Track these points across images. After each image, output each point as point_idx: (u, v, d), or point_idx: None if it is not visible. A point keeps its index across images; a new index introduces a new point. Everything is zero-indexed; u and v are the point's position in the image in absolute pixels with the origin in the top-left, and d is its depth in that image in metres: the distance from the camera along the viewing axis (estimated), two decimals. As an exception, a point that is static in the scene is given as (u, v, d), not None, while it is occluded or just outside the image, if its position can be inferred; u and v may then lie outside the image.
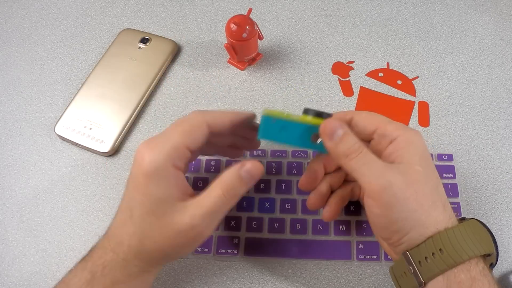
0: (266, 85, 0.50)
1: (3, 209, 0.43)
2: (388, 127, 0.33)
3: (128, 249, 0.31)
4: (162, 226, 0.30)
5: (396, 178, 0.30)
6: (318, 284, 0.39)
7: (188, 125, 0.32)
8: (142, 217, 0.30)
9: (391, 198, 0.29)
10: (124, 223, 0.31)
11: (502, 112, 0.47)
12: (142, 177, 0.30)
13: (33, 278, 0.40)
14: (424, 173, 0.31)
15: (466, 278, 0.28)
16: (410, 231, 0.30)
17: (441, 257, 0.29)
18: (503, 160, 0.44)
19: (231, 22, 0.46)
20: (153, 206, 0.30)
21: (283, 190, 0.42)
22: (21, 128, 0.48)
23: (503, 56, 0.51)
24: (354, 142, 0.31)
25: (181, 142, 0.31)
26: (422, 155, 0.32)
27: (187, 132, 0.32)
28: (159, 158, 0.30)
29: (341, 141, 0.31)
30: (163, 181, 0.30)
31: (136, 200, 0.31)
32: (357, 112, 0.36)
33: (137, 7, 0.57)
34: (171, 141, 0.31)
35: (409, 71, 0.51)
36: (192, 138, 0.32)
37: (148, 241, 0.31)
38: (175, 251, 0.32)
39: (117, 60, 0.51)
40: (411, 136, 0.32)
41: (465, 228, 0.30)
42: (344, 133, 0.31)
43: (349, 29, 0.54)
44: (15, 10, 0.58)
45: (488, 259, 0.31)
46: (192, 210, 0.30)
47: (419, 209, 0.30)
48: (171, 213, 0.30)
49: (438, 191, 0.31)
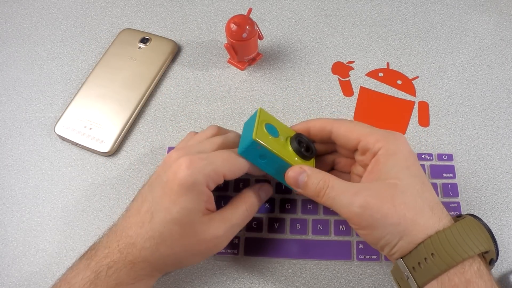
0: (266, 85, 0.50)
1: (3, 209, 0.43)
2: (370, 139, 0.33)
3: (139, 252, 0.31)
4: (184, 234, 0.31)
5: (369, 200, 0.30)
6: (318, 284, 0.39)
7: (234, 158, 0.33)
8: (164, 223, 0.31)
9: (369, 220, 0.30)
10: (141, 226, 0.31)
11: (502, 112, 0.47)
12: (176, 186, 0.31)
13: (33, 278, 0.40)
14: (401, 184, 0.31)
15: (460, 281, 0.28)
16: (398, 242, 0.30)
17: (433, 261, 0.29)
18: (503, 160, 0.44)
19: (231, 22, 0.46)
20: (181, 215, 0.31)
21: (283, 190, 0.42)
22: (21, 128, 0.48)
23: (503, 56, 0.51)
24: (317, 181, 0.32)
25: (221, 170, 0.32)
26: (402, 165, 0.32)
27: (230, 164, 0.33)
28: (199, 176, 0.31)
29: (306, 185, 0.33)
30: (195, 196, 0.31)
31: (161, 206, 0.31)
32: (337, 123, 0.35)
33: (137, 7, 0.57)
34: (214, 164, 0.32)
35: (409, 71, 0.51)
36: (231, 170, 0.33)
37: (164, 246, 0.31)
38: (189, 258, 0.33)
39: (117, 60, 0.51)
40: (392, 146, 0.32)
41: (457, 229, 0.30)
42: (307, 177, 0.33)
43: (349, 29, 0.54)
44: (15, 10, 0.58)
45: (487, 256, 0.30)
46: (217, 223, 0.33)
47: (401, 221, 0.30)
48: (197, 224, 0.32)
49: (424, 197, 0.31)
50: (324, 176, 0.32)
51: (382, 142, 0.32)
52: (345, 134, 0.35)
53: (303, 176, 0.33)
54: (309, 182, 0.33)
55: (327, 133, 0.35)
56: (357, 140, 0.34)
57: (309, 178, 0.33)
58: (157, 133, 0.47)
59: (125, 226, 0.32)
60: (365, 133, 0.33)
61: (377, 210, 0.30)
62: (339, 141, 0.35)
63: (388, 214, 0.30)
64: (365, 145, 0.33)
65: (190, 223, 0.31)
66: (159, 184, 0.32)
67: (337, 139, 0.35)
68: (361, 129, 0.34)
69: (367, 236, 0.32)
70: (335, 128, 0.35)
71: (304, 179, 0.33)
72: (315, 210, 0.41)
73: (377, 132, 0.33)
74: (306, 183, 0.33)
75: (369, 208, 0.30)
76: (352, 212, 0.31)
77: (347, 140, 0.34)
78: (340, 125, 0.35)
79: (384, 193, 0.31)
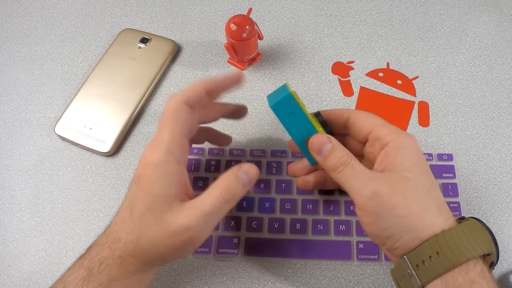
0: (266, 85, 0.50)
1: (3, 209, 0.43)
2: (382, 131, 0.33)
3: (124, 246, 0.31)
4: (158, 225, 0.30)
5: (382, 187, 0.30)
6: (318, 284, 0.39)
7: (170, 113, 0.32)
8: (142, 214, 0.31)
9: (378, 208, 0.30)
10: (124, 220, 0.31)
11: (502, 112, 0.47)
12: (145, 175, 0.31)
13: (33, 278, 0.40)
14: (414, 179, 0.31)
15: (464, 281, 0.28)
16: (403, 236, 0.30)
17: (438, 260, 0.29)
18: (503, 160, 0.44)
19: (231, 22, 0.46)
20: (153, 203, 0.30)
21: (283, 190, 0.42)
22: (21, 128, 0.48)
23: (503, 56, 0.51)
24: (341, 156, 0.32)
25: (173, 133, 0.31)
26: (413, 161, 0.32)
27: (173, 120, 0.32)
28: (160, 154, 0.31)
29: (328, 156, 0.33)
30: (166, 178, 0.31)
31: (137, 198, 0.31)
32: (355, 111, 0.36)
33: (137, 7, 0.57)
34: (164, 135, 0.31)
35: (409, 71, 0.51)
36: (179, 123, 0.32)
37: (144, 239, 0.30)
38: (169, 253, 0.31)
39: (117, 60, 0.51)
40: (403, 141, 0.33)
41: (462, 229, 0.30)
42: (332, 147, 0.33)
43: (349, 29, 0.54)
44: (15, 10, 0.58)
45: (488, 259, 0.30)
46: (188, 211, 0.30)
47: (409, 215, 0.30)
48: (168, 212, 0.30)
49: (432, 195, 0.31)
50: (348, 153, 0.33)
51: (393, 135, 0.33)
52: (360, 121, 0.35)
53: (328, 146, 0.33)
54: (332, 153, 0.32)
55: (344, 119, 0.36)
56: (370, 129, 0.34)
57: (333, 149, 0.33)
58: (157, 133, 0.47)
59: (113, 223, 0.33)
60: (378, 124, 0.34)
61: (387, 199, 0.30)
62: (354, 127, 0.36)
63: (397, 206, 0.30)
64: (376, 135, 0.34)
65: (163, 211, 0.30)
66: (134, 180, 0.32)
67: (352, 125, 0.36)
68: (376, 120, 0.35)
69: (371, 226, 0.31)
70: (353, 115, 0.36)
71: (328, 148, 0.33)
72: (315, 210, 0.41)
73: (390, 126, 0.34)
74: (329, 154, 0.33)
75: (380, 195, 0.30)
76: (363, 195, 0.31)
77: (361, 127, 0.35)
78: (357, 112, 0.36)
79: (397, 184, 0.31)
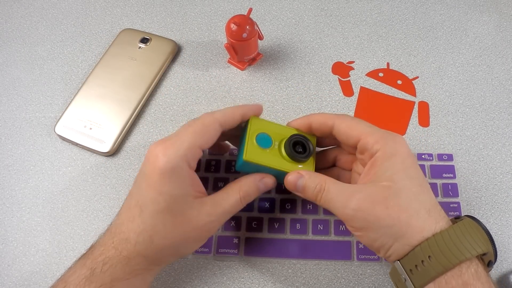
0: (266, 85, 0.50)
1: (3, 209, 0.43)
2: (370, 140, 0.33)
3: (134, 246, 0.31)
4: (177, 223, 0.31)
5: (362, 202, 0.31)
6: (318, 284, 0.39)
7: (200, 126, 0.33)
8: (154, 214, 0.31)
9: (363, 222, 0.31)
10: (132, 220, 0.31)
11: (502, 112, 0.47)
12: (157, 176, 0.31)
13: (33, 278, 0.40)
14: (395, 187, 0.31)
15: (458, 283, 0.28)
16: (393, 244, 0.30)
17: (430, 264, 0.29)
18: (503, 160, 0.44)
19: (231, 22, 0.46)
20: (168, 203, 0.31)
21: (283, 190, 0.42)
22: (21, 128, 0.48)
23: (503, 56, 0.51)
24: (314, 185, 0.33)
25: (194, 143, 0.32)
26: (398, 167, 0.32)
27: (199, 133, 0.32)
28: (175, 158, 0.31)
29: (304, 189, 0.33)
30: (179, 180, 0.31)
31: (148, 198, 0.31)
32: (339, 118, 0.35)
33: (137, 7, 0.57)
34: (185, 142, 0.32)
35: (409, 71, 0.51)
36: (204, 138, 0.33)
37: (158, 237, 0.31)
38: (185, 245, 0.33)
39: (117, 60, 0.51)
40: (390, 149, 0.32)
41: (455, 231, 0.29)
42: (305, 181, 0.33)
43: (349, 29, 0.54)
44: (15, 10, 0.58)
45: (485, 258, 0.30)
46: (209, 208, 0.32)
47: (395, 223, 0.30)
48: (187, 210, 0.31)
49: (420, 198, 0.31)
50: (321, 179, 0.33)
51: (381, 143, 0.32)
52: (345, 131, 0.34)
53: (301, 181, 0.33)
54: (306, 187, 0.33)
55: (329, 128, 0.35)
56: (357, 138, 0.34)
57: (306, 182, 0.33)
58: (157, 133, 0.47)
59: (118, 223, 0.32)
60: (365, 133, 0.33)
61: (369, 213, 0.30)
62: (340, 137, 0.35)
63: (380, 216, 0.30)
64: (364, 144, 0.33)
65: (181, 210, 0.31)
66: (142, 178, 0.32)
67: (337, 135, 0.35)
68: (362, 127, 0.34)
69: (363, 238, 0.32)
70: (336, 124, 0.35)
71: (302, 184, 0.33)
72: (315, 210, 0.41)
73: (377, 132, 0.33)
74: (303, 187, 0.33)
75: (362, 210, 0.30)
76: (346, 214, 0.31)
77: (347, 137, 0.34)
78: (341, 121, 0.35)
79: (376, 196, 0.31)
